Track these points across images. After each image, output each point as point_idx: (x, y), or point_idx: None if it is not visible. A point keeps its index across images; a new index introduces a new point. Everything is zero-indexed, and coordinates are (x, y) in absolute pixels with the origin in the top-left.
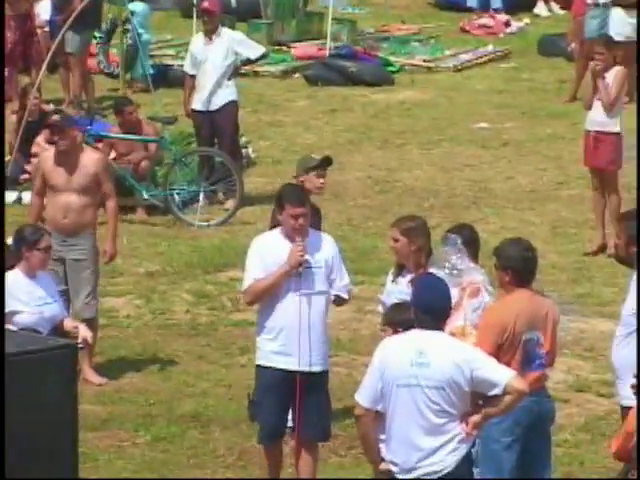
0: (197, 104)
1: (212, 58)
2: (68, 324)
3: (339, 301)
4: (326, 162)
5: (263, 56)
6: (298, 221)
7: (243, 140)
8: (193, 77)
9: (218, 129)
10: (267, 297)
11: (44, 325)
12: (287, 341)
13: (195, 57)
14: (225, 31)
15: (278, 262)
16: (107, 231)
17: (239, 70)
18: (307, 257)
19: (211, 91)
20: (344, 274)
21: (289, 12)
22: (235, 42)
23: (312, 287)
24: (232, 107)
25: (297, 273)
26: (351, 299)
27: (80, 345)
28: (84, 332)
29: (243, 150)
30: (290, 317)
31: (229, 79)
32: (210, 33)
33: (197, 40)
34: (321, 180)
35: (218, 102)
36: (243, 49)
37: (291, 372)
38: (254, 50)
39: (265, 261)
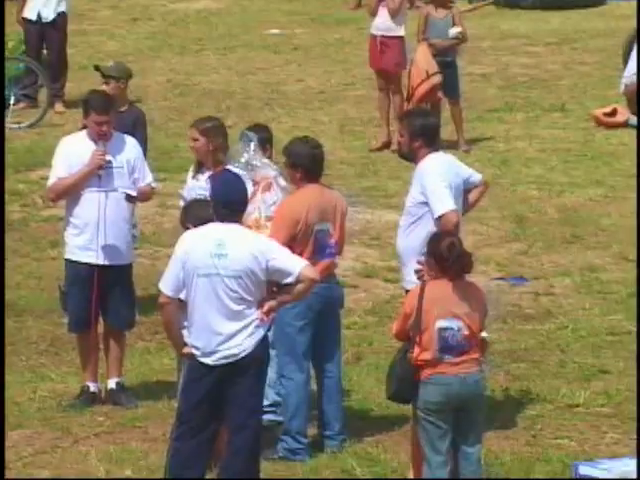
0: (29, 13)
1: None
2: None
3: (130, 198)
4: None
5: None
6: (101, 128)
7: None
8: None
9: (48, 39)
10: (71, 195)
11: None
12: (90, 236)
13: None
14: None
15: (82, 162)
16: None
17: None
18: (109, 158)
19: (44, 1)
20: (147, 173)
21: None
22: None
23: (112, 185)
24: (64, 18)
25: (98, 174)
26: (152, 196)
27: None
28: None
29: None
30: (92, 213)
31: None
32: None
33: None
34: (104, 87)
35: (52, 12)
36: None
37: (95, 265)
38: None
39: (70, 161)
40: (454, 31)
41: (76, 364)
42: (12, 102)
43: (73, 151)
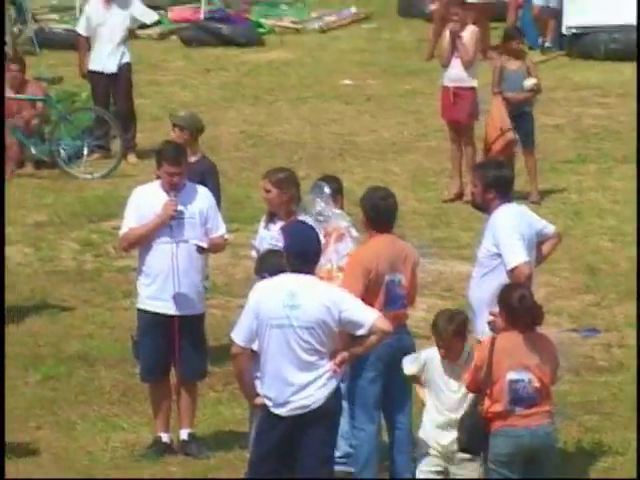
0: (94, 65)
1: (110, 22)
2: None
3: (200, 250)
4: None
5: (157, 22)
6: (173, 179)
7: None
8: (87, 39)
9: (114, 89)
10: (142, 245)
11: None
12: (162, 286)
13: (92, 20)
14: None
15: (154, 213)
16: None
17: (134, 34)
18: (181, 209)
19: (109, 54)
20: (220, 224)
21: None
22: (132, 7)
23: (184, 236)
24: (127, 68)
25: (169, 224)
26: (224, 247)
27: None
28: None
29: None
30: (164, 264)
31: (124, 43)
32: None
33: (93, 4)
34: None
35: (115, 64)
36: (139, 14)
37: (166, 315)
38: (149, 16)
39: (141, 211)
40: (529, 83)
41: (148, 414)
42: (86, 152)
43: (145, 201)
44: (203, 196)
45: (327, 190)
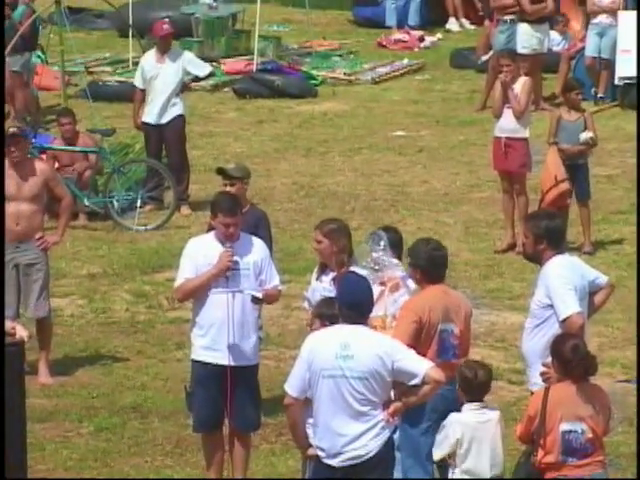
0: (147, 117)
1: (163, 75)
2: (7, 325)
3: (255, 300)
4: (220, 173)
5: (210, 74)
6: (229, 229)
7: None
8: (143, 91)
9: (167, 141)
10: (198, 295)
11: None
12: (216, 337)
13: (146, 73)
14: (176, 50)
15: (209, 263)
16: (59, 223)
17: (187, 87)
18: (236, 259)
19: (161, 106)
20: (274, 274)
21: (219, 30)
22: (185, 61)
23: (239, 286)
24: (180, 121)
25: (225, 275)
26: (278, 298)
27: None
28: (20, 332)
29: None
30: (218, 314)
31: (177, 95)
32: (163, 52)
33: (149, 57)
34: (227, 189)
35: (167, 116)
36: (192, 67)
37: (220, 366)
38: (202, 68)
39: (197, 262)
40: (585, 136)
41: (201, 466)
42: (139, 204)
43: (200, 252)
44: (257, 247)
45: (384, 239)
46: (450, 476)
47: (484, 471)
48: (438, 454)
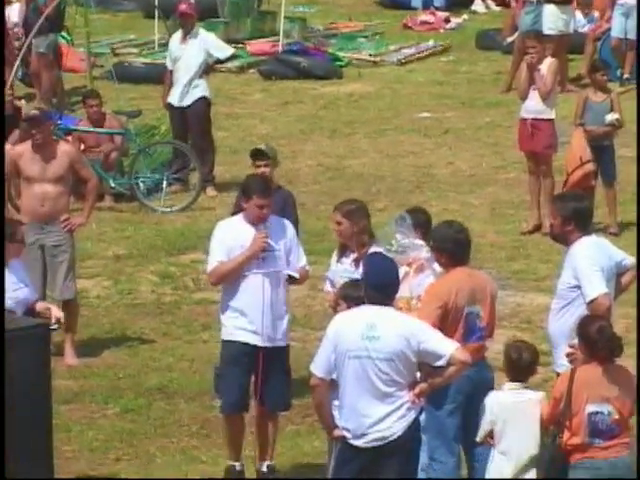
0: (171, 98)
1: (186, 57)
2: (40, 306)
3: (291, 280)
4: (257, 153)
5: (232, 56)
6: (263, 211)
7: None
8: (172, 72)
9: (189, 123)
10: (232, 278)
11: (17, 308)
12: (252, 318)
13: (172, 54)
14: (199, 32)
15: (240, 245)
16: (84, 204)
17: (210, 69)
18: (269, 241)
19: (183, 87)
20: (301, 255)
21: (244, 11)
22: (207, 43)
23: (273, 268)
24: (202, 103)
25: (259, 257)
26: (307, 278)
27: (54, 326)
28: (56, 312)
29: None
30: (254, 296)
31: (200, 77)
32: (186, 33)
33: (175, 38)
34: (261, 170)
35: (189, 98)
36: (214, 50)
37: (253, 347)
38: (224, 51)
39: (228, 245)
40: (611, 117)
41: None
42: (164, 186)
43: (230, 235)
44: (286, 228)
45: (409, 221)
46: (490, 457)
47: (519, 453)
48: (480, 433)
